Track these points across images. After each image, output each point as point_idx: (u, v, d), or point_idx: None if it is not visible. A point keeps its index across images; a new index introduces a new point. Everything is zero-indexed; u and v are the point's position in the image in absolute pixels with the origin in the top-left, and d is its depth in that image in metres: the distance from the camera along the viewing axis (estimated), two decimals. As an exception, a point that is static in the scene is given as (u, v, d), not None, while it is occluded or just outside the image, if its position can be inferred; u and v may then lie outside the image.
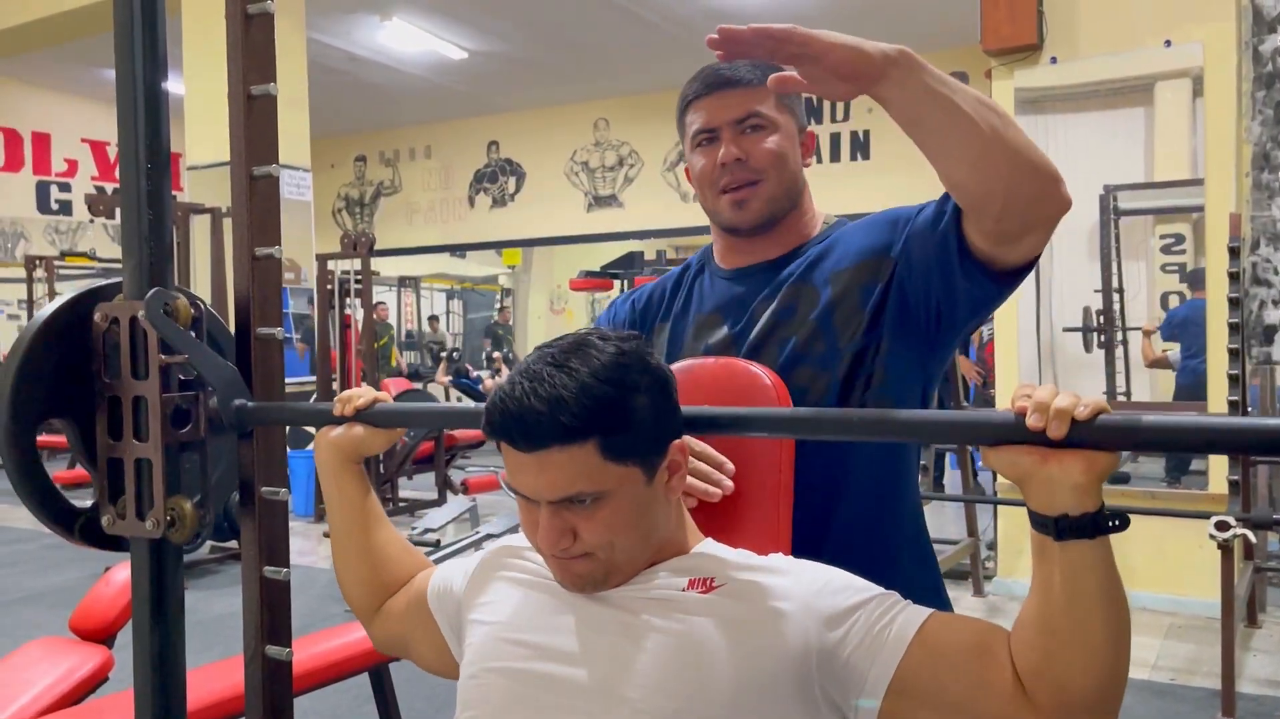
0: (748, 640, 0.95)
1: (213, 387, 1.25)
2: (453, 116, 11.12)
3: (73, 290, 1.30)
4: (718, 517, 1.14)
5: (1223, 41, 4.13)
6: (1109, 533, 0.83)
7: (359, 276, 6.75)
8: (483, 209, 11.34)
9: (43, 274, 8.67)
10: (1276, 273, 2.71)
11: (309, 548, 5.79)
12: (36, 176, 10.83)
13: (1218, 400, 4.04)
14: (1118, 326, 4.78)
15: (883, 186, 7.26)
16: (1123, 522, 0.82)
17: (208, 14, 6.46)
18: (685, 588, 1.00)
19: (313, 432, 1.29)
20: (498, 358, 13.23)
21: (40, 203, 10.88)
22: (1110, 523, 0.82)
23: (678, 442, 1.01)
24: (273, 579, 1.28)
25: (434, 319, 14.78)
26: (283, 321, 1.35)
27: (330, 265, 6.83)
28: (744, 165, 1.27)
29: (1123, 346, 4.81)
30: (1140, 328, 4.74)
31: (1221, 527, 3.03)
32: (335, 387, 6.81)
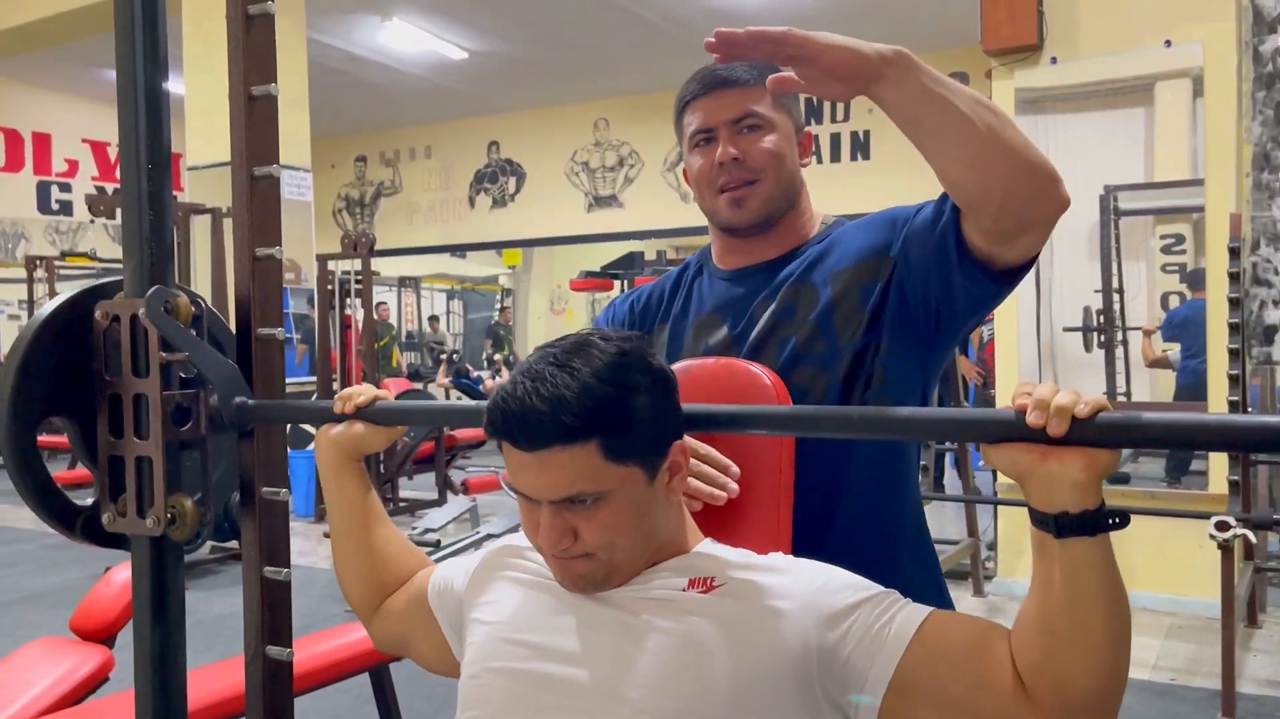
0: (748, 640, 0.95)
1: (213, 384, 1.24)
2: (453, 117, 11.13)
3: (73, 290, 1.30)
4: (718, 517, 1.14)
5: (1223, 41, 4.13)
6: (1109, 530, 0.83)
7: (359, 277, 6.75)
8: (483, 209, 11.35)
9: (43, 274, 8.69)
10: (1277, 273, 2.71)
11: (309, 548, 5.79)
12: (37, 177, 10.83)
13: (1218, 400, 4.04)
14: (1118, 327, 4.77)
15: (883, 187, 7.25)
16: (1123, 519, 0.82)
17: (208, 14, 6.46)
18: (685, 588, 1.00)
19: (313, 432, 1.29)
20: (498, 359, 13.24)
21: (41, 203, 10.89)
22: (1110, 520, 0.82)
23: (679, 442, 1.01)
24: (273, 579, 1.28)
25: (434, 319, 14.79)
26: (283, 322, 1.35)
27: (330, 266, 6.83)
28: (741, 165, 1.27)
29: (1123, 347, 4.81)
30: (1140, 328, 4.74)
31: (1222, 527, 3.03)
32: (335, 387, 6.80)
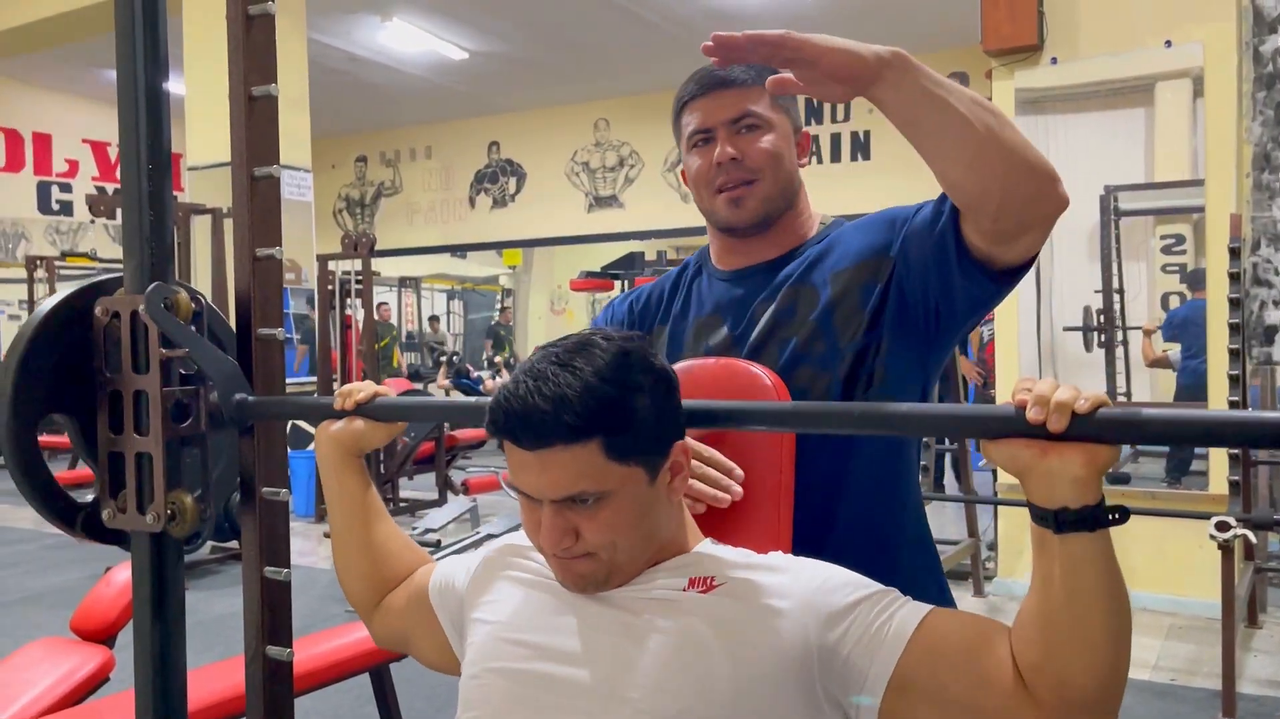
0: (748, 639, 0.95)
1: (213, 381, 1.24)
2: (453, 117, 11.13)
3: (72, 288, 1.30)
4: (719, 517, 1.14)
5: (1223, 42, 4.13)
6: (1109, 525, 0.82)
7: (359, 277, 6.75)
8: (483, 209, 11.35)
9: (44, 274, 8.70)
10: (1277, 273, 2.71)
11: (310, 548, 5.79)
12: (37, 177, 10.84)
13: (1218, 400, 4.04)
14: (1118, 327, 4.78)
15: (883, 187, 7.25)
16: (1122, 514, 0.82)
17: (208, 14, 6.46)
18: (686, 588, 1.00)
19: (312, 431, 1.29)
20: (499, 361, 13.24)
21: (41, 203, 10.89)
22: (1110, 515, 0.82)
23: (681, 442, 1.01)
24: (273, 579, 1.28)
25: (434, 319, 14.79)
26: (283, 322, 1.35)
27: (331, 266, 6.83)
28: (739, 164, 1.27)
29: (1123, 347, 4.81)
30: (1141, 328, 4.74)
31: (1222, 527, 3.03)
32: (335, 387, 6.79)
